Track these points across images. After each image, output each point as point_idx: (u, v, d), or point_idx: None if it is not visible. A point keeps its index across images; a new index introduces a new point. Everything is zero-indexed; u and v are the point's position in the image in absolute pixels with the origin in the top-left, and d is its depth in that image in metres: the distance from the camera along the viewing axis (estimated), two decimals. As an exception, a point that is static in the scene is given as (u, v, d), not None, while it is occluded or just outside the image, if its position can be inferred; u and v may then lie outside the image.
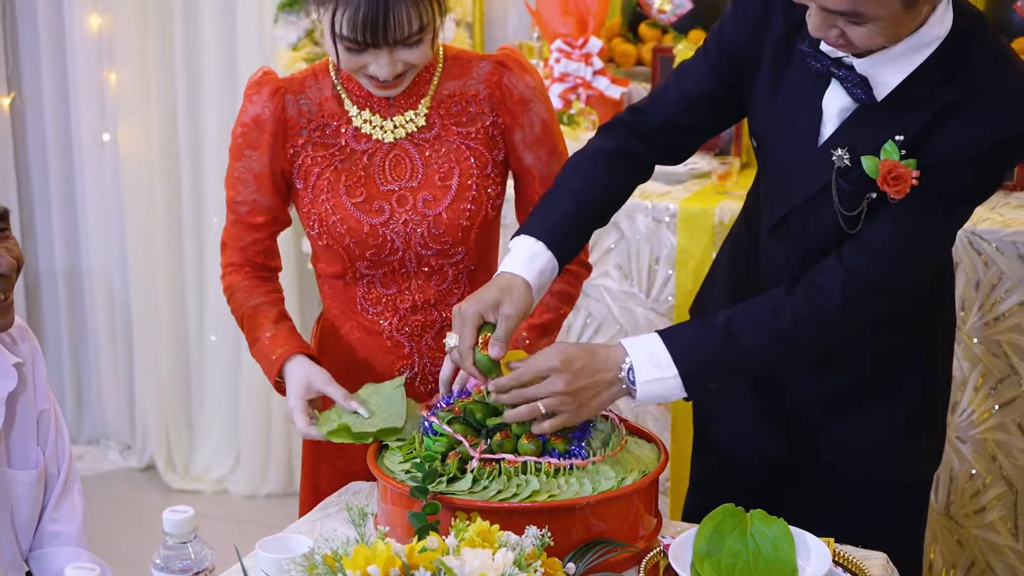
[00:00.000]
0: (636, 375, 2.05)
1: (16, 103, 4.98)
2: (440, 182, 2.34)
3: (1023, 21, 3.76)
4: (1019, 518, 3.29)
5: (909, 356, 2.33)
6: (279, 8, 4.28)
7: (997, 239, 3.20)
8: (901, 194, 2.02)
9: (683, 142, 2.33)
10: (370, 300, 2.41)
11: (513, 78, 2.36)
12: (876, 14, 1.91)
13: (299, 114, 2.35)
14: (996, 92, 2.02)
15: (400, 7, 2.12)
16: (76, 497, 2.50)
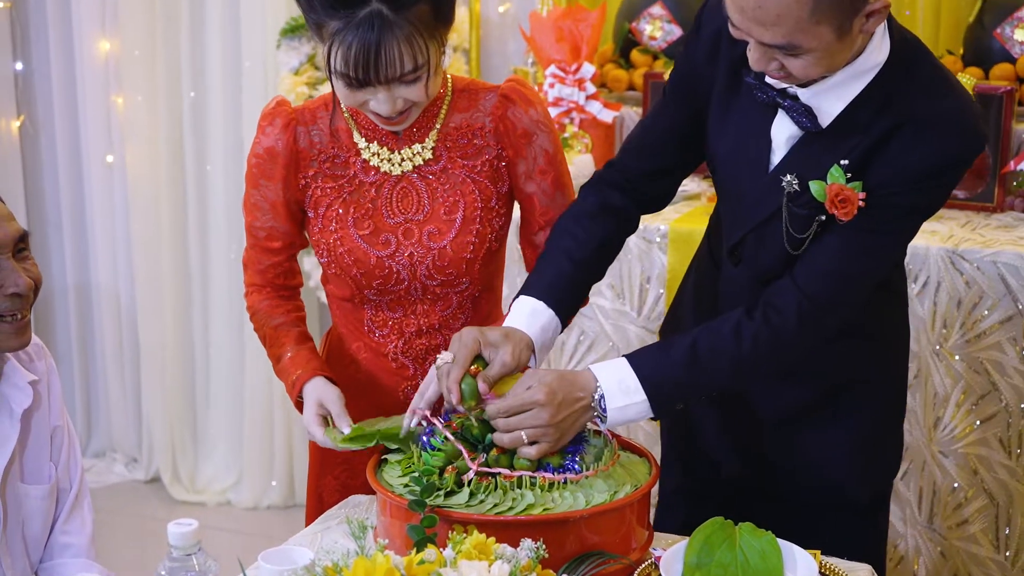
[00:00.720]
0: (607, 402, 2.07)
1: (25, 126, 4.99)
2: (445, 216, 2.32)
3: (1002, 48, 3.76)
4: (1000, 530, 3.29)
5: (867, 368, 2.35)
6: (281, 34, 4.30)
7: (978, 259, 3.21)
8: (849, 216, 2.05)
9: (660, 188, 2.36)
10: (377, 323, 2.41)
11: (517, 112, 2.34)
12: (811, 46, 1.94)
13: (310, 146, 2.34)
14: (933, 116, 2.05)
15: (392, 45, 2.08)
16: (86, 511, 2.50)
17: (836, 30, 1.93)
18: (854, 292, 2.15)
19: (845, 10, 1.92)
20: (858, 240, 2.09)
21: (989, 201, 3.60)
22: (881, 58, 2.06)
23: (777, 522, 2.09)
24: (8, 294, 2.21)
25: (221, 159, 4.62)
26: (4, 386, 2.33)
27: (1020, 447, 3.23)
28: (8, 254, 2.22)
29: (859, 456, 2.37)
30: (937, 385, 3.26)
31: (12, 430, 2.33)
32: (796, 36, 1.92)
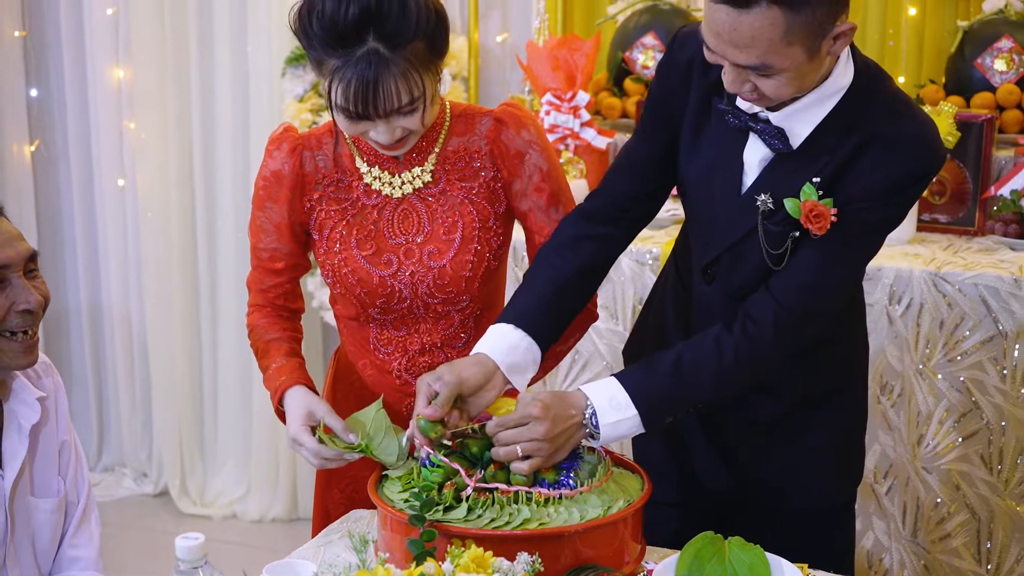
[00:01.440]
0: (599, 419, 2.08)
1: (40, 150, 5.00)
2: (444, 236, 2.33)
3: (983, 77, 3.78)
4: (982, 544, 3.29)
5: (833, 379, 2.37)
6: (286, 62, 4.31)
7: (959, 281, 3.21)
8: (823, 230, 2.08)
9: (644, 210, 2.37)
10: (382, 341, 2.42)
11: (510, 134, 2.34)
12: (783, 66, 1.98)
13: (315, 170, 2.35)
14: (896, 136, 2.09)
15: (389, 81, 2.10)
16: (93, 524, 2.50)
17: (807, 51, 1.97)
18: (828, 302, 2.19)
19: (815, 32, 1.96)
20: (830, 253, 2.13)
21: (970, 225, 3.61)
22: (846, 82, 2.10)
23: (754, 529, 2.11)
24: (19, 311, 2.21)
25: (230, 182, 4.63)
26: (13, 402, 2.33)
27: (1001, 464, 3.23)
28: (19, 272, 2.23)
29: (827, 464, 2.40)
30: (920, 403, 3.26)
31: (21, 445, 2.33)
32: (769, 57, 1.96)
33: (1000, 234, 3.48)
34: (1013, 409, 3.20)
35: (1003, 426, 3.21)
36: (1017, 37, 3.75)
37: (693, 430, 2.38)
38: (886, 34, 4.08)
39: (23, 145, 4.95)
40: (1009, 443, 3.21)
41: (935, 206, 3.64)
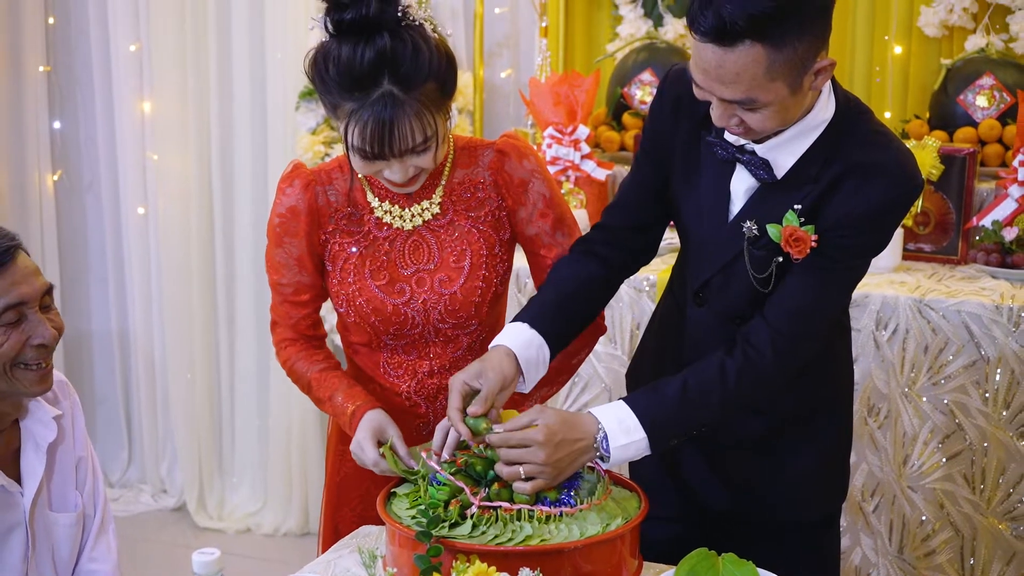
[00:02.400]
0: (610, 442, 2.08)
1: (63, 180, 5.01)
2: (454, 264, 2.34)
3: (965, 113, 3.79)
4: (965, 560, 3.28)
5: (824, 399, 2.37)
6: (300, 96, 4.33)
7: (943, 308, 3.21)
8: (802, 254, 2.10)
9: (642, 241, 2.40)
10: (392, 365, 2.41)
11: (512, 164, 2.36)
12: (767, 100, 2.00)
13: (328, 204, 2.34)
14: (874, 166, 2.11)
15: (404, 123, 2.10)
16: (111, 537, 2.50)
17: (789, 86, 2.00)
18: (818, 324, 2.20)
19: (796, 68, 1.98)
20: (817, 279, 2.14)
21: (954, 254, 3.62)
22: (827, 115, 2.13)
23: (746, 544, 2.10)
24: (35, 345, 2.22)
25: (249, 210, 4.65)
26: (29, 421, 2.34)
27: (984, 483, 3.23)
28: (35, 308, 2.23)
29: (814, 481, 2.39)
30: (906, 425, 3.26)
31: (39, 463, 2.33)
32: (754, 92, 1.98)
33: (982, 263, 3.48)
34: (995, 431, 3.20)
35: (985, 447, 3.21)
36: (998, 75, 3.77)
37: (687, 449, 2.38)
38: (873, 71, 4.10)
39: (46, 175, 4.96)
40: (991, 463, 3.21)
41: (920, 236, 3.65)
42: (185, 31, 4.60)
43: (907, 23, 4.04)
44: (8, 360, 2.20)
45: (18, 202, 4.92)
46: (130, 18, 4.72)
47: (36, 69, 4.88)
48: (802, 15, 1.95)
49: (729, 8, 1.92)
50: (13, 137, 4.87)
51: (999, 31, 3.87)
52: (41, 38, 4.87)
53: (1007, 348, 3.16)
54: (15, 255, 2.21)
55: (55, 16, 4.92)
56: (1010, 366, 3.17)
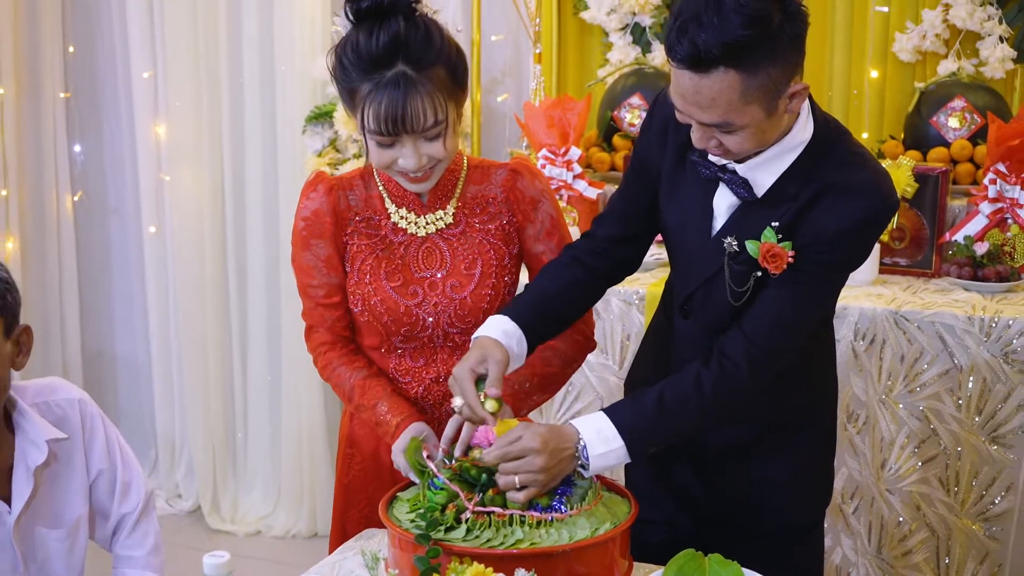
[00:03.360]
0: (589, 451, 2.07)
1: (81, 200, 5.02)
2: (466, 271, 2.35)
3: (938, 134, 3.80)
4: (941, 560, 3.28)
5: (806, 409, 2.37)
6: (306, 120, 4.35)
7: (918, 319, 3.22)
8: (779, 269, 2.10)
9: (627, 252, 2.40)
10: (401, 371, 2.40)
11: (525, 183, 2.39)
12: (743, 123, 2.00)
13: (348, 208, 2.36)
14: (851, 185, 2.10)
15: (416, 101, 2.13)
16: (149, 526, 2.53)
17: (764, 109, 2.00)
18: (795, 338, 2.19)
19: (770, 92, 1.98)
20: (794, 293, 2.13)
21: (928, 268, 3.62)
22: (806, 136, 2.12)
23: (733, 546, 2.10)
24: None
25: (260, 227, 4.66)
26: (22, 441, 2.32)
27: (958, 486, 3.23)
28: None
29: (800, 486, 2.39)
30: (883, 430, 3.27)
31: (27, 484, 2.31)
32: (730, 115, 1.99)
33: (955, 276, 3.49)
34: (968, 436, 3.20)
35: (959, 451, 3.21)
36: (968, 97, 3.78)
37: (678, 456, 2.38)
38: (851, 94, 4.11)
39: (65, 195, 4.98)
40: (965, 467, 3.21)
41: (896, 250, 3.65)
42: (198, 58, 4.61)
43: (883, 49, 4.05)
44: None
45: (39, 222, 4.93)
46: (145, 47, 4.74)
47: (56, 95, 4.89)
48: (775, 43, 1.95)
49: (704, 37, 1.92)
50: (34, 160, 4.88)
51: (969, 56, 3.88)
52: (60, 66, 4.89)
53: (979, 357, 3.17)
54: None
55: (74, 45, 4.94)
56: (982, 374, 3.17)
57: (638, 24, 4.23)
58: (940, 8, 3.89)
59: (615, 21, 4.22)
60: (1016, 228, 3.51)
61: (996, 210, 3.53)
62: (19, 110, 4.81)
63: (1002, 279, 3.42)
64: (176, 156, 4.73)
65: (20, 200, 4.85)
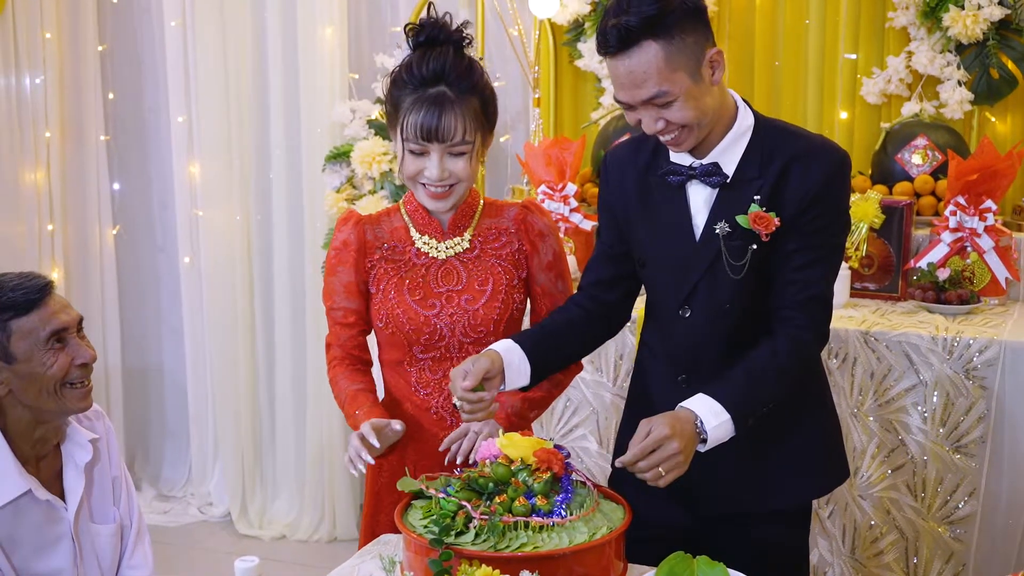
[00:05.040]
0: (705, 425, 2.10)
1: (120, 234, 5.03)
2: (479, 288, 2.43)
3: (902, 170, 3.81)
4: (910, 559, 3.27)
5: (807, 398, 2.38)
6: (326, 160, 4.36)
7: (887, 339, 3.22)
8: (768, 230, 2.19)
9: (615, 295, 2.44)
10: (422, 383, 2.45)
11: (534, 218, 2.49)
12: (676, 91, 2.11)
13: (375, 238, 2.46)
14: (808, 148, 2.23)
15: (450, 117, 2.27)
16: (147, 546, 2.53)
17: (690, 75, 2.11)
18: (830, 302, 2.27)
19: (690, 58, 2.11)
20: (820, 267, 2.23)
21: (895, 292, 3.62)
22: (750, 121, 2.24)
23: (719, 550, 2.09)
24: (79, 364, 2.27)
25: (287, 259, 4.66)
26: (68, 445, 2.37)
27: (924, 492, 3.22)
28: (74, 333, 2.27)
29: (811, 462, 2.39)
30: (856, 441, 3.26)
31: (78, 482, 2.35)
32: (663, 84, 2.10)
33: (919, 299, 3.49)
34: (933, 446, 3.19)
35: (925, 460, 3.21)
36: (930, 136, 3.79)
37: None
38: (822, 133, 4.12)
39: (107, 230, 4.99)
40: (930, 474, 3.20)
41: (865, 276, 3.65)
42: (228, 104, 4.63)
43: (851, 92, 4.07)
44: (57, 380, 2.23)
45: (82, 254, 4.94)
46: (180, 93, 4.76)
47: (97, 138, 4.91)
48: (681, 14, 2.10)
49: (624, 19, 2.08)
50: (77, 197, 4.90)
51: (931, 98, 3.89)
52: (101, 111, 4.91)
53: (942, 373, 3.16)
54: (51, 291, 2.28)
55: (114, 92, 4.96)
56: (945, 389, 3.16)
57: (628, 71, 4.24)
58: (904, 55, 3.90)
59: (607, 68, 4.22)
60: (975, 255, 3.51)
61: (956, 239, 3.53)
62: (63, 152, 4.83)
63: (963, 302, 3.42)
64: (208, 193, 4.74)
65: (65, 234, 4.87)
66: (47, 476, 2.32)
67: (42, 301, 2.24)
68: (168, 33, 4.73)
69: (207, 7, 4.58)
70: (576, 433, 3.56)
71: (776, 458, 2.35)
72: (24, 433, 2.29)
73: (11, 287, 2.23)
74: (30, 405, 2.26)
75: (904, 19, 3.87)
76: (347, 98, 4.40)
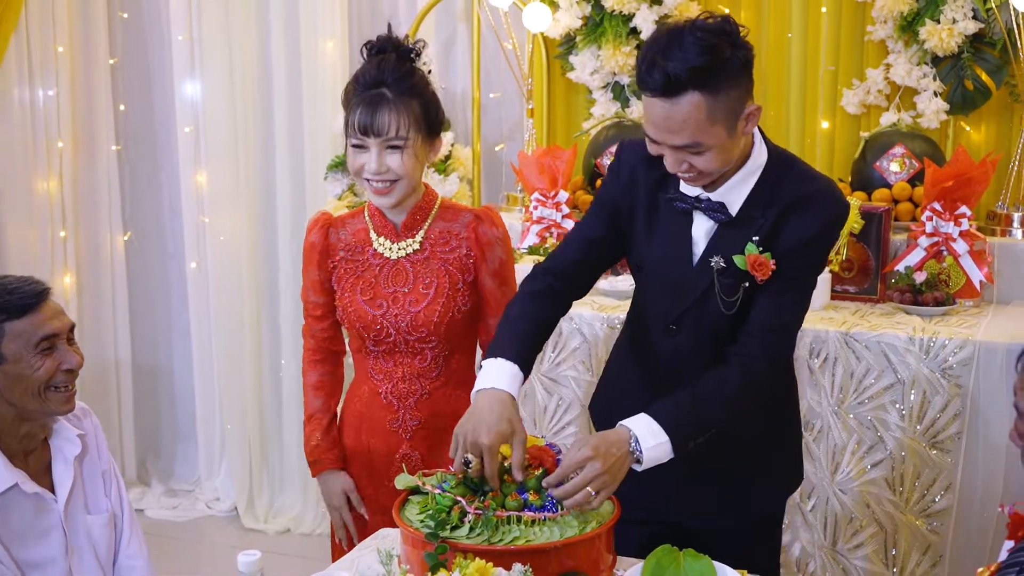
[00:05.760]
0: (641, 445, 2.06)
1: (131, 240, 5.03)
2: (423, 290, 2.50)
3: (881, 177, 3.81)
4: (888, 551, 3.27)
5: (778, 415, 2.38)
6: (328, 168, 4.36)
7: (865, 339, 3.22)
8: (766, 276, 2.14)
9: (584, 279, 2.38)
10: (376, 370, 2.56)
11: (485, 228, 2.53)
12: (710, 143, 2.04)
13: (338, 240, 2.57)
14: (811, 195, 2.17)
15: (384, 113, 2.37)
16: (140, 537, 2.53)
17: (727, 129, 2.04)
18: (792, 335, 2.25)
19: (731, 112, 2.03)
20: (787, 297, 2.19)
21: (874, 295, 3.62)
22: (763, 160, 2.18)
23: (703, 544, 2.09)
24: (64, 369, 2.29)
25: (291, 262, 4.66)
26: (57, 439, 2.39)
27: (902, 486, 3.22)
28: (64, 339, 2.28)
29: (765, 481, 2.40)
30: (836, 438, 3.26)
31: (67, 474, 2.37)
32: (698, 135, 2.02)
33: (897, 301, 3.49)
34: (910, 442, 3.19)
35: (903, 455, 3.21)
36: (907, 145, 3.79)
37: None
38: (804, 143, 4.13)
39: (118, 236, 4.98)
40: (908, 470, 3.20)
41: (845, 279, 3.66)
42: (234, 115, 4.62)
43: (832, 103, 4.07)
44: (42, 383, 2.24)
45: (93, 260, 4.94)
46: (187, 105, 4.76)
47: (108, 148, 4.91)
48: (729, 68, 2.01)
49: (672, 65, 1.97)
50: (89, 205, 4.89)
51: (908, 109, 3.90)
52: (112, 122, 4.91)
53: (919, 372, 3.16)
54: (47, 298, 2.30)
55: (124, 104, 4.95)
56: (922, 387, 3.17)
57: (618, 83, 4.25)
58: (882, 67, 3.91)
59: (597, 80, 4.23)
60: (950, 259, 3.51)
61: (932, 244, 3.53)
62: (76, 162, 4.82)
63: (939, 304, 3.42)
64: (215, 201, 4.74)
65: (76, 240, 4.86)
66: (36, 469, 2.33)
67: (36, 306, 2.26)
68: (176, 47, 4.73)
69: (213, 22, 4.58)
70: (567, 431, 3.56)
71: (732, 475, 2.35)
72: (9, 429, 2.29)
73: (8, 291, 2.25)
74: (15, 404, 2.27)
75: (882, 33, 3.87)
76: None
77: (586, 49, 4.19)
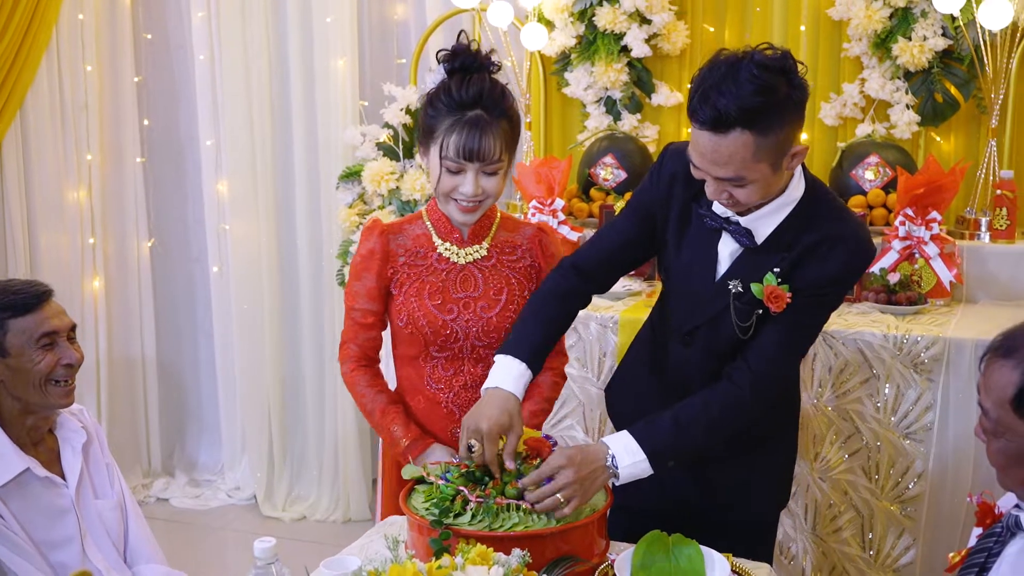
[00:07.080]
0: (618, 461, 2.03)
1: (155, 246, 5.02)
2: (494, 296, 2.38)
3: (857, 184, 3.80)
4: (865, 535, 3.26)
5: (780, 424, 2.34)
6: (339, 179, 4.35)
7: (843, 337, 3.21)
8: (780, 308, 2.04)
9: (610, 277, 2.33)
10: (435, 379, 2.40)
11: (548, 240, 2.46)
12: (753, 178, 1.95)
13: (397, 247, 2.39)
14: (839, 235, 2.05)
15: (488, 136, 2.21)
16: (144, 523, 2.51)
17: (772, 166, 1.94)
18: (789, 366, 2.17)
19: (778, 151, 1.93)
20: (793, 329, 2.09)
21: (850, 295, 3.61)
22: (799, 194, 2.07)
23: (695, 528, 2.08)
24: (64, 364, 2.30)
25: (307, 266, 4.65)
26: (63, 431, 2.40)
27: (878, 474, 3.21)
28: (64, 337, 2.31)
29: (765, 489, 2.37)
30: (816, 429, 3.25)
31: (76, 461, 2.38)
32: (742, 171, 1.93)
33: (872, 301, 3.48)
34: (885, 432, 3.19)
35: (878, 445, 3.20)
36: (881, 154, 3.78)
37: None
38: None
39: (143, 242, 4.98)
40: (883, 459, 3.20)
41: (824, 280, 3.64)
42: (252, 129, 4.62)
43: (811, 115, 4.06)
44: (43, 376, 2.25)
45: (121, 265, 4.93)
46: (208, 119, 4.75)
47: (134, 160, 4.90)
48: (782, 108, 1.90)
49: (724, 102, 1.87)
50: (116, 214, 4.89)
51: (882, 120, 3.89)
52: (138, 136, 4.90)
53: (893, 368, 3.16)
54: (49, 298, 2.33)
55: (149, 119, 4.95)
56: (896, 382, 3.16)
57: (610, 97, 4.24)
58: (857, 82, 3.90)
59: (591, 95, 4.23)
60: (922, 261, 3.51)
61: (905, 247, 3.52)
62: (104, 173, 4.82)
63: (911, 303, 3.41)
64: (235, 209, 4.73)
65: (105, 246, 4.86)
66: (46, 458, 2.35)
67: (39, 306, 2.30)
68: (197, 66, 4.73)
69: (232, 42, 4.58)
70: (564, 424, 3.55)
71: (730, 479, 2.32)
72: (16, 421, 2.32)
73: (14, 291, 2.29)
74: (19, 397, 2.29)
75: (857, 49, 3.86)
76: (358, 123, 4.40)
77: (580, 66, 4.18)
